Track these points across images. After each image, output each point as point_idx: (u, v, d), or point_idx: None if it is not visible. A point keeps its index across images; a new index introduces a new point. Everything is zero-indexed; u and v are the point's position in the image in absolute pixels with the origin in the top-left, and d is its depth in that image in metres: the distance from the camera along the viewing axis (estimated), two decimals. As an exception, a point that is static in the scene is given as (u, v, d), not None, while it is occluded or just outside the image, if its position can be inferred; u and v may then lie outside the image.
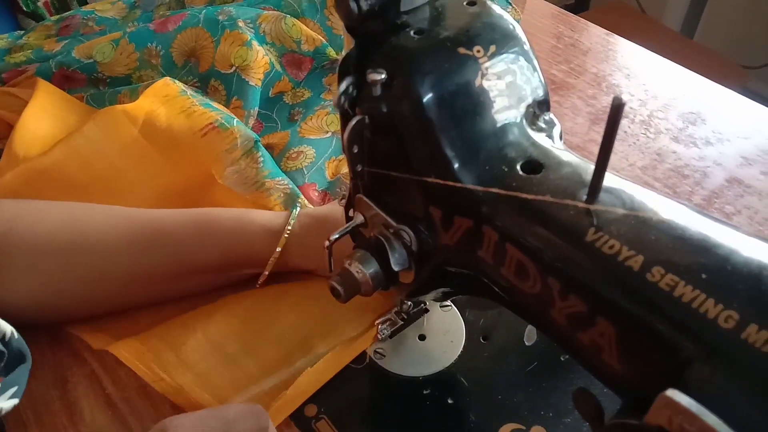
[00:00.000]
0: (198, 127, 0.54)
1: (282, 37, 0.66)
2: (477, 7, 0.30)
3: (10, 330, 0.37)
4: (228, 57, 0.62)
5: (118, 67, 0.64)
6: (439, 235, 0.30)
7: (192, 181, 0.54)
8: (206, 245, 0.47)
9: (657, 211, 0.25)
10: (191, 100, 0.56)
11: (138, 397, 0.44)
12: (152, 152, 0.54)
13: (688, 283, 0.23)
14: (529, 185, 0.27)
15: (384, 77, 0.28)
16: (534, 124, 0.30)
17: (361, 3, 0.28)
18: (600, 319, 0.25)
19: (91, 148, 0.53)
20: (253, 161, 0.54)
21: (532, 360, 0.45)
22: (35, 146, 0.54)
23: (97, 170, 0.53)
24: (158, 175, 0.54)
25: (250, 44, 0.62)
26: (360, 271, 0.33)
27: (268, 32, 0.65)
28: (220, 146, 0.53)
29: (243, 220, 0.49)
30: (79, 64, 0.63)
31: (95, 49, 0.64)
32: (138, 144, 0.54)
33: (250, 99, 0.62)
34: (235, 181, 0.54)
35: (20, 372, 0.38)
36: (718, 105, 0.68)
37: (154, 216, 0.48)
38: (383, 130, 0.29)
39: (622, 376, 0.25)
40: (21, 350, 0.38)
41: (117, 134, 0.54)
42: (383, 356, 0.45)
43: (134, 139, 0.54)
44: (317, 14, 0.69)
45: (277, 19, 0.66)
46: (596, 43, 0.78)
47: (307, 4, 0.69)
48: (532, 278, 0.27)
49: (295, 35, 0.66)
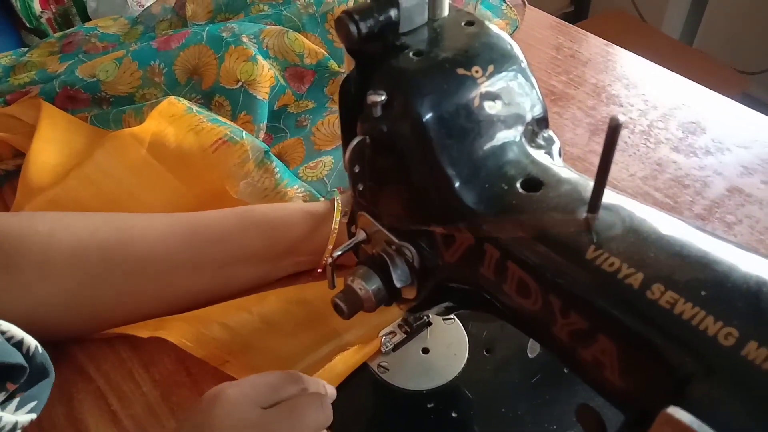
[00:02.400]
0: (208, 144, 0.55)
1: (285, 51, 0.66)
2: (475, 27, 0.31)
3: (35, 344, 0.37)
4: (233, 72, 0.63)
5: (121, 85, 0.65)
6: (441, 252, 0.30)
7: (205, 199, 0.55)
8: (249, 233, 0.48)
9: (656, 227, 0.26)
10: (198, 117, 0.57)
11: (143, 413, 0.45)
12: (163, 173, 0.54)
13: (688, 300, 0.23)
14: (529, 203, 0.28)
15: (384, 99, 0.28)
16: (533, 142, 0.31)
17: (360, 26, 0.28)
18: (601, 337, 0.25)
19: (102, 174, 0.54)
20: (268, 172, 0.55)
21: (536, 372, 0.45)
22: (48, 176, 0.55)
23: (109, 195, 0.54)
24: (171, 196, 0.55)
25: (255, 59, 0.63)
26: (363, 287, 0.33)
27: (271, 47, 0.66)
28: (231, 160, 0.54)
29: (282, 207, 0.51)
30: (83, 83, 0.64)
31: (98, 68, 0.65)
32: (148, 166, 0.55)
33: (259, 113, 0.63)
34: (251, 194, 0.54)
35: (42, 387, 0.38)
36: (718, 114, 0.68)
37: (194, 213, 0.50)
38: (384, 150, 0.30)
39: (623, 393, 0.25)
40: (44, 365, 0.38)
41: (127, 158, 0.55)
42: (387, 370, 0.45)
43: (144, 162, 0.55)
44: (318, 28, 0.70)
45: (279, 34, 0.67)
46: (596, 54, 0.79)
47: (307, 18, 0.70)
48: (533, 295, 0.27)
49: (297, 49, 0.67)
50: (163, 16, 0.80)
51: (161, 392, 0.46)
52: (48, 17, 1.06)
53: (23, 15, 1.02)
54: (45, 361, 0.38)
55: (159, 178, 0.54)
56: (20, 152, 0.63)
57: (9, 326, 0.36)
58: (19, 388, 0.35)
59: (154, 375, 0.47)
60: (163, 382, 0.46)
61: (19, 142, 0.62)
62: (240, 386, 0.35)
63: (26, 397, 0.36)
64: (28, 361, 0.36)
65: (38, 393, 0.37)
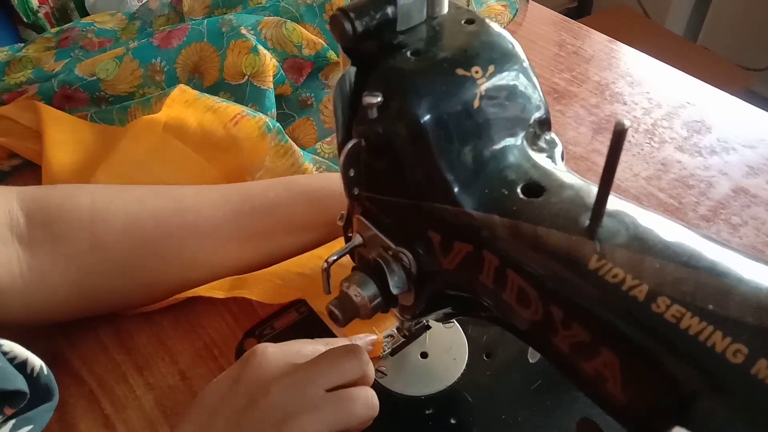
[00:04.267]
0: (228, 118, 0.55)
1: (283, 42, 0.66)
2: (475, 26, 0.30)
3: (39, 364, 0.36)
4: (238, 67, 0.62)
5: (122, 84, 0.64)
6: (439, 259, 0.29)
7: (231, 175, 0.55)
8: (298, 203, 0.49)
9: (662, 235, 0.25)
10: (212, 99, 0.58)
11: (137, 418, 0.44)
12: (188, 153, 0.55)
13: (695, 314, 0.22)
14: (530, 209, 0.27)
15: (380, 100, 0.27)
16: (535, 145, 0.30)
17: (356, 23, 0.27)
18: (604, 350, 0.24)
19: (131, 166, 0.54)
20: (286, 154, 0.56)
21: (536, 378, 0.44)
22: (70, 175, 0.55)
23: (141, 183, 0.53)
24: (200, 176, 0.55)
25: (256, 50, 0.63)
26: (358, 294, 0.32)
27: (269, 38, 0.65)
28: (253, 131, 0.55)
29: (324, 177, 0.52)
30: (82, 82, 0.63)
31: (98, 66, 0.64)
32: (173, 149, 0.55)
33: (267, 102, 0.62)
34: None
35: (41, 411, 0.36)
36: (723, 113, 0.67)
37: (242, 184, 0.51)
38: (380, 154, 0.29)
39: (626, 408, 0.24)
40: (49, 386, 0.37)
41: (151, 144, 0.55)
42: (384, 375, 0.44)
43: (168, 145, 0.55)
44: (316, 18, 0.69)
45: (277, 25, 0.66)
46: (599, 51, 0.77)
47: (305, 9, 0.69)
48: (533, 305, 0.26)
49: (296, 40, 0.66)
50: (160, 11, 0.79)
51: (155, 396, 0.45)
52: (45, 12, 1.05)
53: (20, 10, 1.01)
54: (50, 382, 0.37)
55: (184, 159, 0.55)
56: (15, 153, 0.63)
57: (12, 346, 0.35)
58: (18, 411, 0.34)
59: (148, 379, 0.46)
60: (157, 386, 0.46)
61: (12, 145, 0.62)
62: (281, 347, 0.36)
63: (22, 420, 0.35)
64: (32, 382, 0.35)
65: (36, 416, 0.36)
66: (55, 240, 0.43)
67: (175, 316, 0.49)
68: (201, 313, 0.50)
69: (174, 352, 0.48)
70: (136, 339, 0.49)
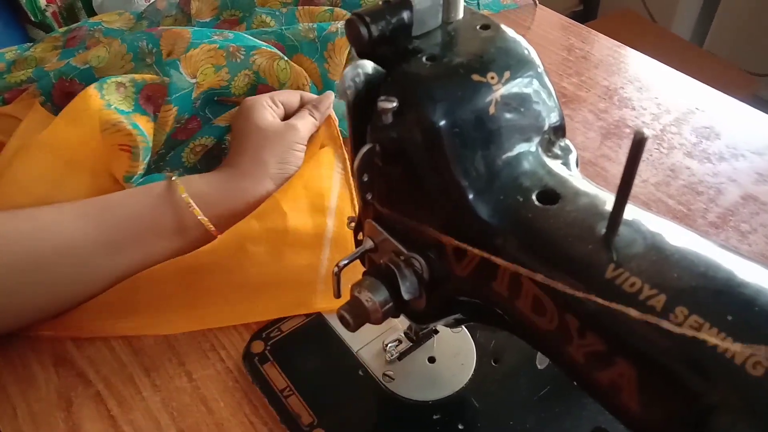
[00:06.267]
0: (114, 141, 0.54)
1: (270, 74, 0.64)
2: (491, 31, 0.29)
3: None
4: (196, 66, 0.61)
5: (113, 69, 0.63)
6: (452, 265, 0.29)
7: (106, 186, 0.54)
8: (157, 203, 0.49)
9: (679, 245, 0.25)
10: (112, 116, 0.55)
11: (143, 419, 0.44)
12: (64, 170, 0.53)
13: (714, 325, 0.22)
14: (545, 216, 0.27)
15: (395, 105, 0.27)
16: (549, 151, 0.30)
17: (371, 28, 0.27)
18: (620, 360, 0.24)
19: (11, 185, 0.52)
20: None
21: (545, 384, 0.44)
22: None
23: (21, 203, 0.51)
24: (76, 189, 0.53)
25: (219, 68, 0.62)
26: (370, 299, 0.32)
27: (259, 65, 0.64)
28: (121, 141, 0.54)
29: (184, 178, 0.52)
30: (76, 72, 0.63)
31: (90, 55, 0.63)
32: (49, 166, 0.53)
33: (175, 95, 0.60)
34: None
35: None
36: (732, 119, 0.67)
37: (100, 196, 0.50)
38: (394, 159, 0.28)
39: (641, 419, 0.24)
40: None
41: (35, 163, 0.53)
42: (392, 379, 0.44)
43: (49, 164, 0.53)
44: (316, 54, 0.67)
45: (271, 57, 0.64)
46: (607, 56, 0.77)
47: (306, 43, 0.67)
48: (549, 314, 0.26)
49: (282, 77, 0.65)
50: (168, 12, 0.78)
51: (162, 398, 0.45)
52: (53, 11, 1.05)
53: (28, 9, 1.01)
54: None
55: (62, 175, 0.53)
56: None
57: None
58: None
59: (155, 380, 0.46)
60: (163, 388, 0.45)
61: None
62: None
63: None
64: None
65: None
66: None
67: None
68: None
69: (181, 354, 0.47)
70: (142, 340, 0.48)
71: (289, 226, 0.50)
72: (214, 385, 0.46)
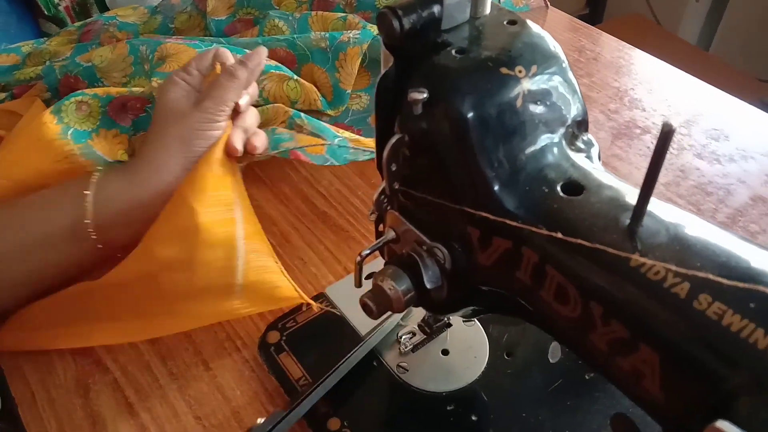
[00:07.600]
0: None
1: (279, 95, 0.64)
2: (517, 27, 0.30)
3: None
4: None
5: (115, 71, 0.63)
6: (476, 254, 0.30)
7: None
8: (49, 209, 0.47)
9: (701, 236, 0.25)
10: (67, 145, 0.54)
11: (160, 406, 0.44)
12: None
13: (737, 311, 0.22)
14: (570, 207, 0.27)
15: (425, 96, 0.27)
16: (573, 145, 0.30)
17: (403, 21, 0.28)
18: (643, 346, 0.24)
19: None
20: None
21: (557, 377, 0.44)
22: None
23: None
24: None
25: None
26: (393, 287, 0.33)
27: (268, 89, 0.64)
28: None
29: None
30: (79, 68, 0.63)
31: (95, 53, 0.64)
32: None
33: None
34: None
35: None
36: (741, 121, 0.68)
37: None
38: (422, 150, 0.29)
39: (664, 405, 0.25)
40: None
41: None
42: (406, 371, 0.45)
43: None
44: (327, 63, 0.67)
45: (281, 79, 0.64)
46: (617, 57, 0.78)
47: (318, 52, 0.67)
48: (572, 302, 0.26)
49: (293, 96, 0.64)
50: (182, 7, 0.79)
51: (178, 386, 0.46)
52: (66, 5, 1.06)
53: (41, 2, 1.02)
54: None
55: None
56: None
57: None
58: None
59: (172, 368, 0.47)
60: (180, 376, 0.46)
61: None
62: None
63: None
64: None
65: None
66: None
67: (199, 308, 0.50)
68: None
69: (197, 343, 0.48)
70: (159, 329, 0.49)
71: (200, 223, 0.45)
72: (231, 374, 0.46)
